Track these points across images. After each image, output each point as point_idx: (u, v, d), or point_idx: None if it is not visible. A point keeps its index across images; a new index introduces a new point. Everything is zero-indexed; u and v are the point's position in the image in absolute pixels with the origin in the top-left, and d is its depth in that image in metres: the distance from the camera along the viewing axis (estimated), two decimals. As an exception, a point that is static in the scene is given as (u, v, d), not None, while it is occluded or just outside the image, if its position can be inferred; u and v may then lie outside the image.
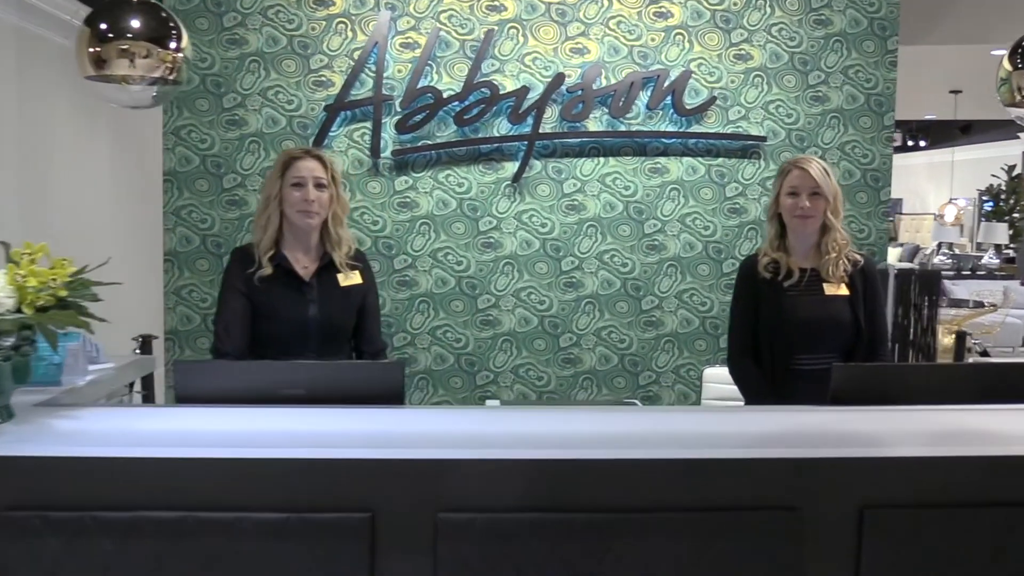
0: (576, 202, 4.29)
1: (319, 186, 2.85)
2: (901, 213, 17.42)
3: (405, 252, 4.24)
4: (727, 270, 4.32)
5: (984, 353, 4.66)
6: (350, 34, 4.17)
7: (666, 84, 4.25)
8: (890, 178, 4.42)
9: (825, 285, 2.90)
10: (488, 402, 4.13)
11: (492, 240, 4.27)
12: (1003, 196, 13.42)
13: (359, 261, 2.99)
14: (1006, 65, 3.09)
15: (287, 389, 2.34)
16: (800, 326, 2.86)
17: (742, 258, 3.35)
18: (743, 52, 4.33)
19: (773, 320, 2.90)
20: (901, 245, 15.84)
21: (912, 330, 4.30)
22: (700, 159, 4.33)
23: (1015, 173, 13.32)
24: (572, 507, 1.82)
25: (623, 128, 4.28)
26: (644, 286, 4.33)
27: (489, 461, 1.83)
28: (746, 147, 4.33)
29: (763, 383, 2.90)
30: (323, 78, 4.17)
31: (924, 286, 4.29)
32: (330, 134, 4.16)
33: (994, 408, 2.22)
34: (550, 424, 2.18)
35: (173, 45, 2.78)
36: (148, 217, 5.32)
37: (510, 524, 1.81)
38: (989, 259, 11.85)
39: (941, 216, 11.59)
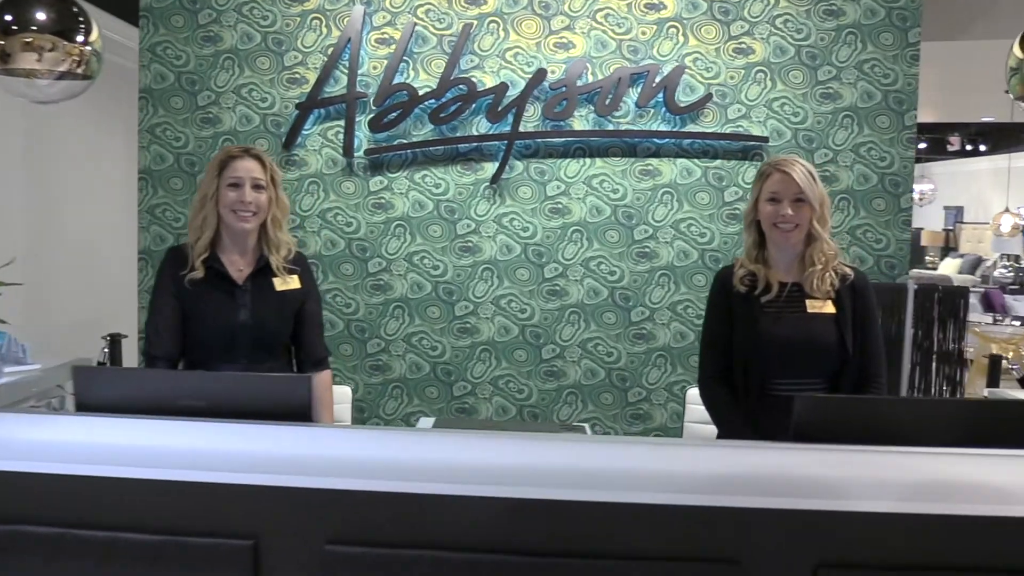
0: (560, 205, 4.04)
1: (257, 187, 2.71)
2: (962, 222, 16.52)
3: (379, 255, 4.06)
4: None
5: (1023, 380, 4.24)
6: (325, 30, 4.02)
7: (657, 80, 3.97)
8: (911, 183, 4.04)
9: (808, 302, 2.58)
10: (421, 421, 3.88)
11: (470, 244, 4.05)
12: None
13: (298, 264, 2.82)
14: (1017, 52, 2.65)
15: (186, 400, 2.19)
16: (777, 347, 2.55)
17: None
18: (744, 46, 4.01)
19: (747, 339, 2.59)
20: (962, 256, 15.01)
21: (934, 354, 3.91)
22: (696, 161, 4.03)
23: None
24: (470, 547, 1.63)
25: (611, 127, 4.02)
26: (634, 296, 4.05)
27: (384, 494, 1.65)
28: (747, 148, 4.01)
29: (734, 410, 2.60)
30: (297, 75, 4.03)
31: (948, 304, 3.90)
32: (303, 132, 4.02)
33: (983, 454, 1.90)
34: (462, 454, 1.95)
35: (81, 38, 2.66)
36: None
37: (402, 560, 1.64)
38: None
39: (997, 226, 10.83)
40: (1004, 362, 4.19)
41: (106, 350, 3.94)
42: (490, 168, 4.02)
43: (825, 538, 1.60)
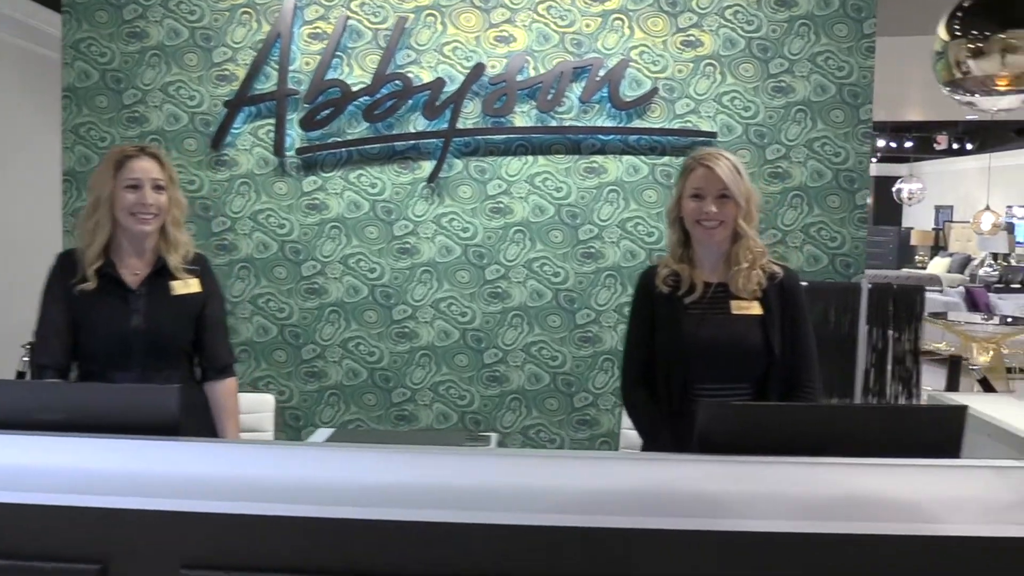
0: (501, 205, 3.88)
1: (157, 188, 2.56)
2: (951, 221, 16.37)
3: (314, 258, 3.90)
4: (672, 281, 3.84)
5: (984, 381, 4.07)
6: (255, 25, 3.87)
7: (601, 75, 3.81)
8: (867, 179, 3.88)
9: (733, 302, 2.43)
10: (317, 433, 3.67)
11: (408, 246, 3.89)
12: None
13: (197, 265, 2.67)
14: (942, 35, 2.43)
15: (46, 413, 2.04)
16: (700, 350, 2.39)
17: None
18: (692, 38, 3.86)
19: (670, 343, 2.43)
20: (951, 255, 14.86)
21: (889, 355, 3.75)
22: (643, 158, 3.87)
23: None
24: (330, 571, 1.51)
25: (554, 124, 3.86)
26: (579, 298, 3.89)
27: (243, 516, 1.51)
28: (696, 144, 3.85)
29: (656, 417, 2.44)
30: (227, 72, 3.88)
31: (903, 303, 3.73)
32: (233, 131, 3.86)
33: (889, 464, 1.75)
34: (337, 471, 1.78)
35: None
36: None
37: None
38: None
39: (978, 224, 10.66)
40: (965, 362, 4.02)
41: (25, 359, 3.78)
42: (428, 167, 3.86)
43: (697, 561, 1.47)
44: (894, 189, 15.12)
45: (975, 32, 1.94)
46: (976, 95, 2.09)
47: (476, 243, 3.89)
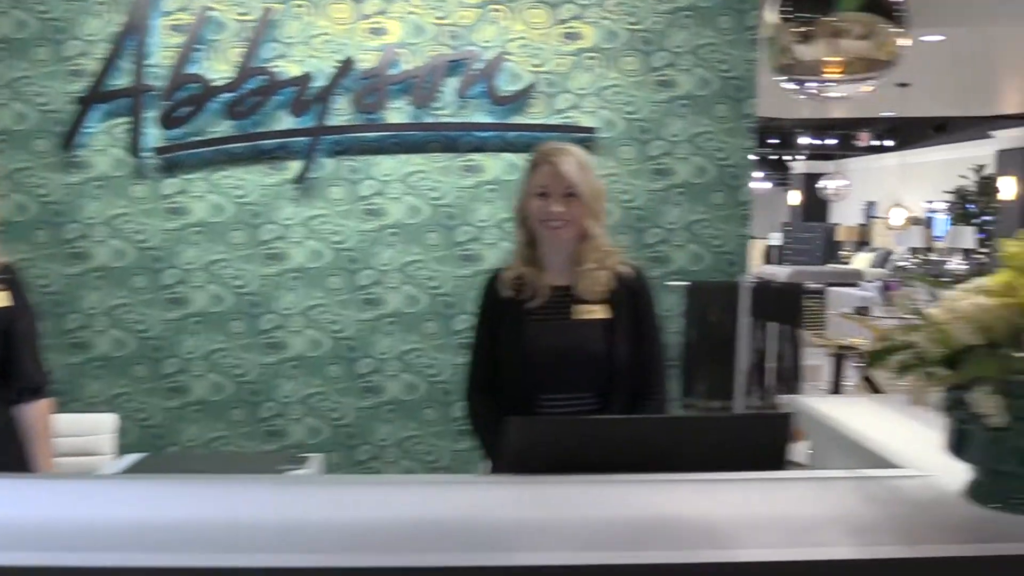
0: (375, 206, 3.69)
1: None
2: (875, 217, 16.61)
3: (175, 265, 3.66)
4: (555, 284, 3.69)
5: (868, 379, 3.99)
6: (111, 16, 3.62)
7: (477, 68, 3.64)
8: (749, 175, 3.77)
9: (578, 306, 2.27)
10: (126, 459, 3.39)
11: (277, 251, 3.68)
12: (971, 198, 12.55)
13: (7, 276, 2.43)
14: (771, 18, 2.23)
15: None
16: (540, 359, 2.23)
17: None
18: (573, 30, 3.71)
19: (511, 350, 2.27)
20: (874, 251, 15.05)
21: (765, 355, 3.65)
22: (523, 155, 3.68)
23: (985, 174, 12.39)
24: None
25: (430, 120, 3.68)
26: (457, 303, 3.72)
27: None
28: (578, 140, 3.68)
29: (494, 428, 2.28)
30: (79, 67, 3.63)
31: (784, 302, 3.62)
32: (86, 130, 3.62)
33: (710, 479, 1.60)
34: (82, 508, 1.58)
35: None
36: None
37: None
38: (957, 264, 11.01)
39: (887, 220, 10.77)
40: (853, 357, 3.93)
41: None
42: (296, 167, 3.66)
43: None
44: (819, 186, 15.24)
45: (803, 15, 1.80)
46: (809, 83, 1.96)
47: (348, 247, 3.69)
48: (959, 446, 1.51)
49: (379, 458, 3.76)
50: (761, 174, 23.16)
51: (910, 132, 13.62)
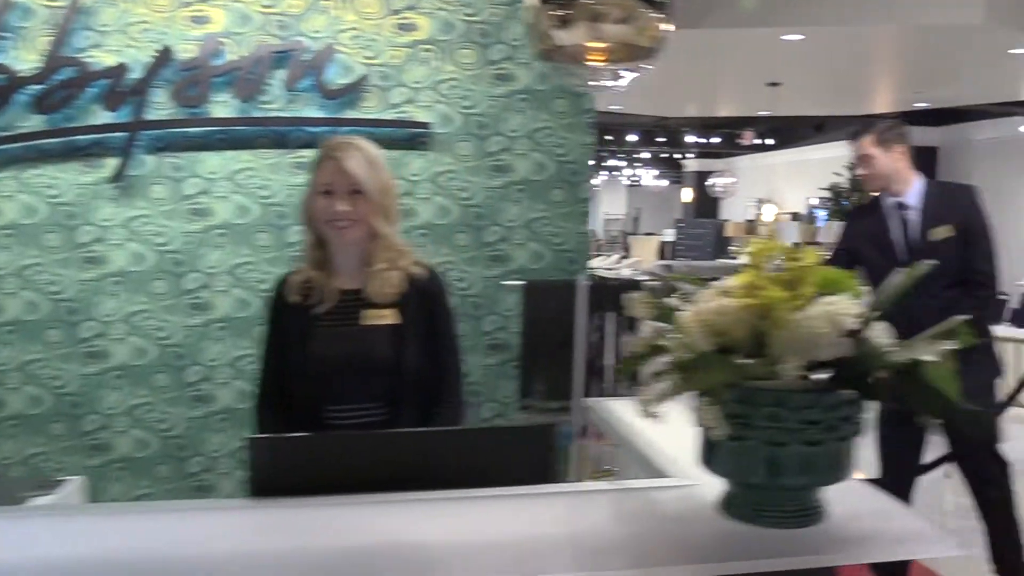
0: (201, 206, 3.51)
1: None
2: (761, 213, 17.08)
3: (-18, 271, 3.43)
4: (393, 284, 3.57)
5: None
6: (-99, 2, 3.35)
7: (305, 60, 3.50)
8: (589, 172, 3.71)
9: (366, 311, 2.15)
10: None
11: (95, 254, 3.47)
12: (844, 195, 12.97)
13: None
14: (529, 1, 2.05)
15: None
16: (325, 368, 2.10)
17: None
18: (407, 22, 3.59)
19: (296, 358, 2.14)
20: (759, 246, 15.43)
21: (603, 357, 3.60)
22: (357, 151, 3.58)
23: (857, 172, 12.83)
24: None
25: (258, 114, 3.52)
26: (292, 306, 3.56)
27: None
28: (413, 136, 3.59)
29: None
30: None
31: (612, 302, 3.58)
32: None
33: (458, 498, 1.50)
34: None
35: None
36: None
37: None
38: (824, 258, 11.33)
39: (759, 216, 11.03)
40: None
41: None
42: (115, 164, 3.45)
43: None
44: (709, 183, 15.50)
45: (561, -1, 1.73)
46: (577, 71, 1.88)
47: (173, 249, 3.50)
48: (708, 457, 1.44)
49: (211, 470, 3.58)
50: (656, 171, 23.53)
51: (792, 131, 13.94)
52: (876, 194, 3.42)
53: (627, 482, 1.62)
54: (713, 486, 1.47)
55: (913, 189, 3.29)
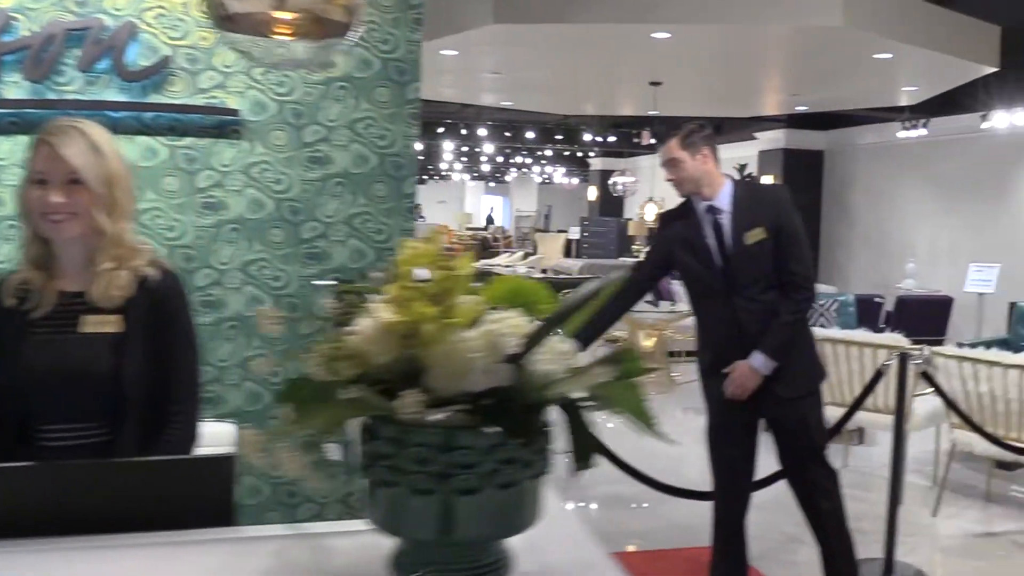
0: (-12, 194, 3.25)
1: None
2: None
3: None
4: (201, 283, 3.36)
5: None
6: None
7: (102, 38, 3.26)
8: (415, 166, 3.56)
9: (87, 318, 1.94)
10: None
11: None
12: None
13: None
14: None
15: None
16: (35, 381, 1.90)
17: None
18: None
19: (9, 371, 1.93)
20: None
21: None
22: (162, 139, 3.34)
23: (746, 172, 13.06)
24: None
25: (53, 97, 3.27)
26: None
27: None
28: (223, 124, 3.39)
29: None
30: None
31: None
32: None
33: (110, 546, 1.32)
34: None
35: None
36: None
37: None
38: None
39: (643, 215, 11.11)
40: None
41: None
42: None
43: None
44: (610, 183, 15.54)
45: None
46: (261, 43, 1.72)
47: (-48, 240, 3.24)
48: (365, 505, 1.22)
49: None
50: (563, 169, 23.58)
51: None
52: (683, 199, 3.35)
53: (306, 525, 1.44)
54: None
55: (723, 192, 3.23)
